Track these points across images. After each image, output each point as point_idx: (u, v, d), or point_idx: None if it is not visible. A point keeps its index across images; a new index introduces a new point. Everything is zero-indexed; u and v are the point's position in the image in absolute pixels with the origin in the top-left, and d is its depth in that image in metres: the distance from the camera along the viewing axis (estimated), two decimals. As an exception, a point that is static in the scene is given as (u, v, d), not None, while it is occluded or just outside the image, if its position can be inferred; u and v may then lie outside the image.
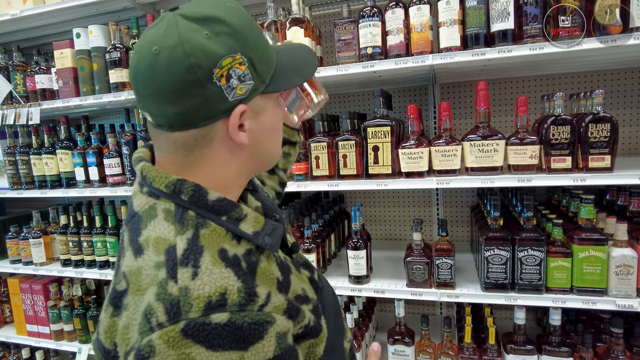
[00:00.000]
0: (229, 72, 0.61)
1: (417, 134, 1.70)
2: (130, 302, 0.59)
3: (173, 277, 0.57)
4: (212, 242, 0.62)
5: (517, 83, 2.15)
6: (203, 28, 0.60)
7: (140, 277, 0.60)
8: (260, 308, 0.58)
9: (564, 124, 1.53)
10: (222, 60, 0.60)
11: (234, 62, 0.62)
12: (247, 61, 0.63)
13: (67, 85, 2.24)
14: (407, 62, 1.62)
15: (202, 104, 0.61)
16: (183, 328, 0.53)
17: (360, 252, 1.78)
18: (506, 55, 1.51)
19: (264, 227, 0.70)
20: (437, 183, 1.64)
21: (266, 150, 0.75)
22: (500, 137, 1.59)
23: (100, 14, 2.32)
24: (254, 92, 0.66)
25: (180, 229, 0.62)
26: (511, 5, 1.53)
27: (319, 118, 1.82)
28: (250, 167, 0.74)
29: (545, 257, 1.57)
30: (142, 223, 0.65)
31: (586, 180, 1.50)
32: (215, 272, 0.58)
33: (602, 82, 2.04)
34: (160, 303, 0.56)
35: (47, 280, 2.58)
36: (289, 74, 0.73)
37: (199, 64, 0.59)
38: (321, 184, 1.79)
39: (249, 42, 0.64)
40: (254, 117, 0.68)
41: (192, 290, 0.56)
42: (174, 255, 0.59)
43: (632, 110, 2.03)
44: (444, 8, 1.58)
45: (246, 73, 0.63)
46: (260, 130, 0.70)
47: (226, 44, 0.61)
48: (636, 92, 2.01)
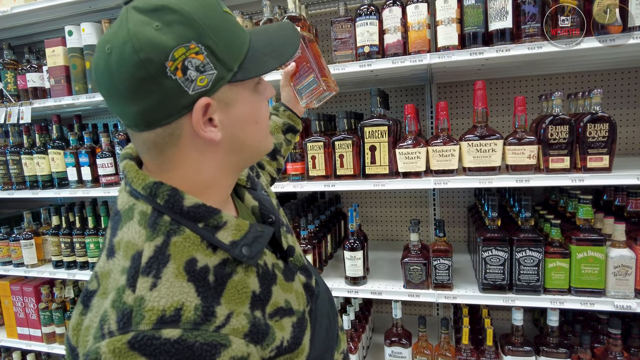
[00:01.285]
0: (184, 63, 0.57)
1: (415, 133, 1.68)
2: (95, 304, 0.59)
3: (132, 286, 0.55)
4: (182, 252, 0.59)
5: (515, 82, 2.14)
6: (153, 19, 0.56)
7: (108, 280, 0.59)
8: (217, 329, 0.56)
9: (562, 124, 1.52)
10: (174, 51, 0.56)
11: (189, 52, 0.57)
12: (204, 49, 0.58)
13: (59, 84, 2.20)
14: (405, 61, 1.60)
15: (160, 100, 0.58)
16: (130, 340, 0.51)
17: (357, 253, 1.76)
18: (504, 54, 1.50)
19: (245, 235, 0.65)
20: (435, 183, 1.62)
21: (248, 144, 0.69)
22: (498, 137, 1.57)
23: (93, 11, 2.28)
24: (218, 81, 0.61)
25: (150, 234, 0.60)
26: (509, 4, 1.51)
27: (315, 117, 1.80)
28: (234, 162, 0.70)
29: (543, 257, 1.56)
30: (120, 223, 0.63)
31: (585, 180, 1.49)
32: (175, 285, 0.56)
33: (600, 82, 2.03)
34: (114, 311, 0.54)
35: (38, 282, 2.54)
36: (264, 57, 0.67)
37: (149, 59, 0.55)
38: (317, 184, 1.77)
39: (206, 28, 0.58)
40: (224, 109, 0.63)
41: (147, 302, 0.54)
42: (138, 263, 0.57)
43: (630, 110, 2.03)
44: (442, 6, 1.57)
45: (205, 62, 0.59)
46: (235, 122, 0.65)
47: (177, 34, 0.56)
48: (634, 92, 2.01)
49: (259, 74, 0.66)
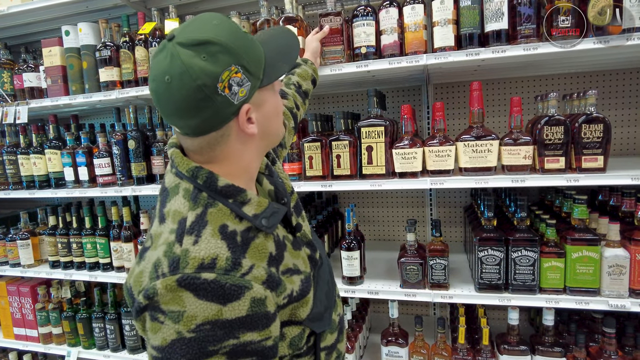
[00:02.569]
0: (229, 82, 0.73)
1: (411, 134, 1.69)
2: (148, 256, 0.75)
3: (179, 241, 0.73)
4: (217, 219, 0.76)
5: (511, 83, 2.16)
6: (199, 52, 0.71)
7: (160, 238, 0.75)
8: (242, 275, 0.72)
9: (557, 125, 1.53)
10: (222, 75, 0.72)
11: (231, 73, 0.73)
12: (241, 68, 0.75)
13: (55, 84, 2.20)
14: (401, 61, 1.61)
15: (215, 112, 0.75)
16: (178, 279, 0.68)
17: (353, 253, 1.77)
18: (500, 55, 1.51)
19: (265, 210, 0.82)
20: (431, 183, 1.63)
21: (272, 131, 0.88)
22: (494, 137, 1.58)
23: (90, 11, 2.28)
24: (253, 89, 0.78)
25: (192, 205, 0.77)
26: (505, 5, 1.52)
27: (312, 118, 1.81)
28: (263, 147, 0.88)
29: (539, 257, 1.57)
30: (168, 197, 0.80)
31: (579, 180, 1.51)
32: (211, 242, 0.73)
33: (595, 82, 2.05)
34: (166, 258, 0.71)
35: (35, 282, 2.53)
36: (278, 63, 0.84)
37: (205, 84, 0.71)
38: (315, 184, 1.77)
39: (239, 52, 0.74)
40: (258, 109, 0.81)
41: (191, 252, 0.71)
42: (183, 225, 0.74)
43: (624, 111, 2.04)
44: (438, 7, 1.58)
45: (243, 78, 0.75)
46: (265, 117, 0.84)
47: (221, 61, 0.72)
48: (628, 92, 2.02)
49: (278, 77, 0.84)
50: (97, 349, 2.37)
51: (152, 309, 0.69)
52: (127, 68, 2.03)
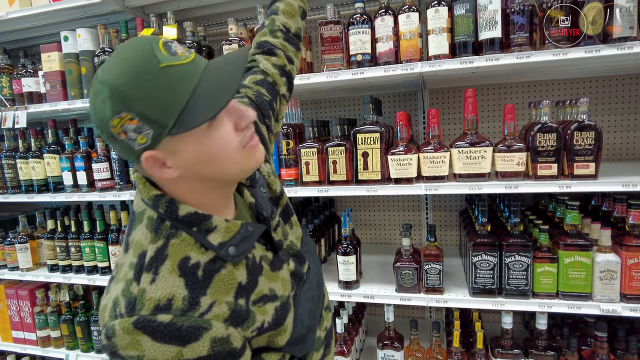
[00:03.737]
0: (122, 129, 0.66)
1: (406, 140, 1.71)
2: (112, 289, 0.73)
3: (137, 279, 0.70)
4: (178, 251, 0.72)
5: (506, 89, 2.18)
6: (100, 92, 0.66)
7: (121, 271, 0.73)
8: (201, 315, 0.69)
9: (550, 132, 1.56)
10: (111, 121, 0.66)
11: (123, 120, 0.65)
12: (136, 115, 0.65)
13: (54, 89, 2.21)
14: (397, 69, 1.63)
15: (121, 150, 0.71)
16: (134, 321, 0.66)
17: (349, 258, 1.79)
18: (494, 63, 1.54)
19: (234, 236, 0.76)
20: (426, 189, 1.65)
21: (213, 176, 0.75)
22: (487, 144, 1.60)
23: (88, 16, 2.30)
24: (157, 137, 0.68)
25: (153, 237, 0.73)
26: (499, 14, 1.55)
27: (309, 124, 1.83)
28: (213, 185, 0.77)
29: (532, 262, 1.60)
30: (134, 224, 0.77)
31: (571, 187, 1.53)
32: (169, 280, 0.69)
33: (588, 88, 2.08)
34: (124, 298, 0.69)
35: (33, 285, 2.55)
36: (200, 109, 0.67)
37: (101, 125, 0.67)
38: (311, 189, 1.79)
39: (135, 97, 0.64)
40: (172, 156, 0.70)
41: (147, 293, 0.68)
42: (142, 261, 0.71)
43: (616, 117, 2.07)
44: (433, 16, 1.60)
45: (140, 125, 0.66)
46: (190, 163, 0.71)
47: (111, 107, 0.65)
48: (620, 99, 2.05)
49: (194, 126, 0.67)
50: (96, 352, 2.38)
51: (111, 354, 0.67)
52: (126, 74, 2.05)
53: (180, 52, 0.69)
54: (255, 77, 1.09)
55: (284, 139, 1.83)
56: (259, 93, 1.06)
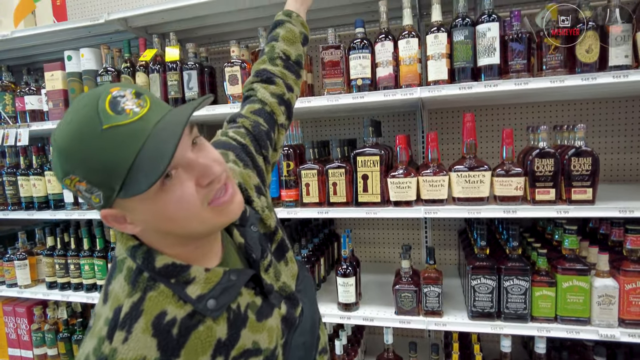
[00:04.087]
0: (76, 187, 0.65)
1: (406, 163, 1.73)
2: (86, 343, 0.69)
3: (110, 338, 0.66)
4: (155, 305, 0.68)
5: (504, 110, 2.20)
6: (53, 150, 0.65)
7: (97, 324, 0.69)
8: None
9: (547, 157, 1.58)
10: (64, 180, 0.64)
11: (73, 181, 0.64)
12: (83, 178, 0.63)
13: (57, 107, 2.23)
14: (396, 94, 1.65)
15: (85, 200, 0.68)
16: None
17: (349, 280, 1.80)
18: (492, 89, 1.56)
19: (214, 288, 0.72)
20: (425, 212, 1.66)
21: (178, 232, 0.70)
22: (486, 168, 1.62)
23: (92, 35, 2.32)
24: (108, 199, 0.64)
25: (130, 291, 0.69)
26: (497, 41, 1.58)
27: (309, 145, 1.84)
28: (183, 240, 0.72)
29: (530, 286, 1.61)
30: (114, 272, 0.73)
31: (569, 212, 1.55)
32: (141, 340, 0.65)
33: (585, 110, 2.10)
34: (94, 357, 0.65)
35: (31, 302, 2.54)
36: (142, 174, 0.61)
37: (61, 182, 0.65)
38: (311, 211, 1.81)
39: (78, 160, 0.61)
40: (130, 214, 0.68)
41: (118, 353, 0.64)
42: (117, 317, 0.67)
43: (613, 139, 2.09)
44: (432, 42, 1.63)
45: (89, 187, 0.64)
46: (146, 220, 0.68)
47: (61, 167, 0.63)
48: (617, 121, 2.07)
49: (139, 193, 0.62)
50: (93, 370, 2.36)
51: None
52: (128, 93, 2.07)
53: (128, 108, 0.62)
54: (253, 107, 1.07)
55: (285, 160, 1.85)
56: (256, 123, 1.04)
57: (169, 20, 2.12)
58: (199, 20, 2.15)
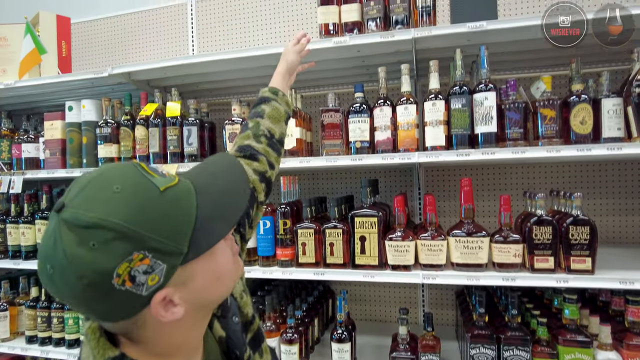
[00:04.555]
0: (130, 274, 0.56)
1: (404, 225, 1.71)
2: None
3: None
4: None
5: (502, 169, 2.22)
6: (86, 239, 0.55)
7: None
8: None
9: (546, 225, 1.57)
10: (117, 269, 0.55)
11: (133, 263, 0.56)
12: (148, 252, 0.57)
13: (54, 156, 2.22)
14: (394, 157, 1.66)
15: (115, 306, 0.58)
16: None
17: (344, 346, 1.73)
18: (490, 157, 1.58)
19: None
20: (424, 278, 1.64)
21: (212, 299, 0.71)
22: (484, 234, 1.61)
23: (94, 86, 2.36)
24: (171, 271, 0.60)
25: None
26: (494, 110, 1.61)
27: (307, 204, 1.83)
28: (201, 315, 0.72)
29: (531, 357, 1.56)
30: None
31: (569, 282, 1.53)
32: None
33: (580, 172, 2.12)
34: None
35: (7, 357, 2.41)
36: (213, 222, 0.64)
37: (94, 283, 0.55)
38: (307, 272, 1.77)
39: (146, 232, 0.57)
40: (183, 288, 0.63)
41: None
42: None
43: (609, 200, 2.11)
44: (430, 109, 1.66)
45: (152, 263, 0.58)
46: (199, 290, 0.66)
47: (116, 252, 0.55)
48: (611, 182, 2.10)
49: (211, 245, 0.64)
50: None
51: None
52: (126, 146, 2.08)
53: (166, 172, 0.65)
54: None
55: (282, 218, 1.83)
56: None
57: (171, 75, 2.16)
58: (201, 76, 2.20)
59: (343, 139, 1.78)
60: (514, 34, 1.67)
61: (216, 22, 2.63)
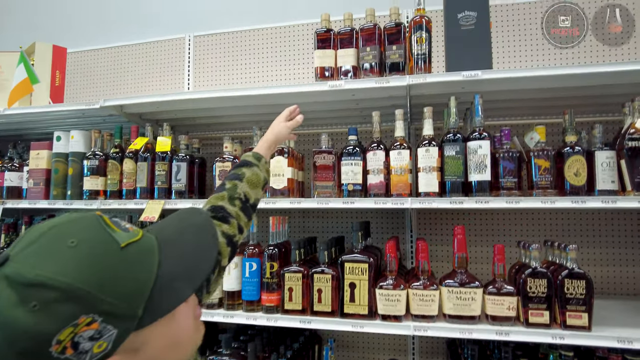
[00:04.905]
0: (73, 340, 0.50)
1: (395, 272, 1.66)
2: None
3: None
4: None
5: (495, 216, 2.18)
6: (29, 298, 0.48)
7: None
8: None
9: (540, 277, 1.53)
10: (58, 336, 0.49)
11: (78, 328, 0.50)
12: (98, 316, 0.51)
13: (37, 186, 2.16)
14: (387, 202, 1.63)
15: None
16: None
17: (330, 400, 1.64)
18: (483, 206, 1.55)
19: None
20: (415, 330, 1.57)
21: None
22: (477, 285, 1.56)
23: (85, 117, 2.33)
24: (122, 336, 0.54)
25: None
26: (488, 158, 1.60)
27: (295, 246, 1.78)
28: None
29: (527, 419, 1.48)
30: None
31: (565, 338, 1.47)
32: None
33: (574, 220, 2.10)
34: None
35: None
36: (175, 283, 0.60)
37: (27, 351, 0.49)
38: (293, 319, 1.69)
39: (97, 292, 0.51)
40: (134, 355, 0.58)
41: None
42: None
43: (602, 250, 2.08)
44: (424, 155, 1.65)
45: (101, 328, 0.52)
46: (154, 356, 0.61)
47: (61, 315, 0.49)
48: (604, 232, 2.07)
49: (172, 308, 0.60)
50: None
51: None
52: (113, 179, 2.02)
53: (129, 226, 0.61)
54: None
55: (269, 260, 1.76)
56: None
57: (164, 109, 2.14)
58: (194, 112, 2.18)
59: (335, 180, 1.75)
60: (508, 84, 1.68)
61: (213, 57, 2.64)
